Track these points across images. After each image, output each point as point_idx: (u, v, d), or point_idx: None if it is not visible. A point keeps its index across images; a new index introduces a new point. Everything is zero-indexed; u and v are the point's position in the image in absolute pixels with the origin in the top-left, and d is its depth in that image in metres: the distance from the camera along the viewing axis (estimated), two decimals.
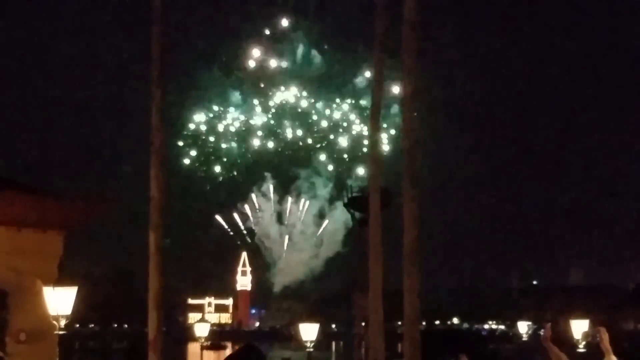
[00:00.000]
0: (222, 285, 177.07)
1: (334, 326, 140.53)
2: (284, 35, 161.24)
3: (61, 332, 15.21)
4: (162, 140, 14.13)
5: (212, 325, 65.99)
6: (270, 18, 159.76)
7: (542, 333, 9.44)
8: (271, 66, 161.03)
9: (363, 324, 31.85)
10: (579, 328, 23.45)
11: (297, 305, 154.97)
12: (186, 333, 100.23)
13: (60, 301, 15.20)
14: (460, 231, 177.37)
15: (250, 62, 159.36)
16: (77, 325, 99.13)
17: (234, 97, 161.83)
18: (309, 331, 22.57)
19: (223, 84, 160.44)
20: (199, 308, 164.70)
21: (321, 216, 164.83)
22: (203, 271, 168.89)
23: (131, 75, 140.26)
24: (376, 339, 14.34)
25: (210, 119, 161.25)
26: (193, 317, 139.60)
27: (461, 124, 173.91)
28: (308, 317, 27.49)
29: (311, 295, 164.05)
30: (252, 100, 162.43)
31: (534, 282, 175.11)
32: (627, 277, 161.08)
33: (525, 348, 52.29)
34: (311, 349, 22.49)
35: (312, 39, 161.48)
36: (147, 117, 14.13)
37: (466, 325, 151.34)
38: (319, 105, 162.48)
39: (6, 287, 19.10)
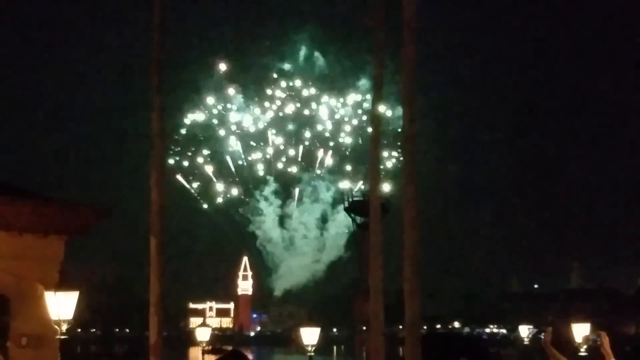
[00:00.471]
0: (224, 289, 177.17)
1: (335, 330, 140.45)
2: (287, 37, 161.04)
3: (62, 337, 15.19)
4: (162, 145, 14.15)
5: (214, 329, 65.97)
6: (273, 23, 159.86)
7: (543, 337, 9.47)
8: (273, 68, 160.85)
9: (364, 328, 31.84)
10: (580, 332, 23.40)
11: (299, 309, 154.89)
12: (187, 337, 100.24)
13: (61, 306, 15.18)
14: (461, 235, 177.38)
15: (253, 62, 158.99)
16: (79, 329, 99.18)
17: (236, 100, 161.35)
18: (310, 335, 22.55)
19: (222, 85, 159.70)
20: (200, 312, 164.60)
21: (324, 220, 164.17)
22: (204, 275, 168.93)
23: (131, 74, 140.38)
24: (377, 343, 14.32)
25: (210, 120, 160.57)
26: (194, 322, 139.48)
27: (462, 127, 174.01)
28: (309, 321, 27.49)
29: (312, 299, 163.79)
30: (254, 101, 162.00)
31: (535, 286, 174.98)
32: (629, 281, 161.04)
33: (526, 352, 52.21)
34: (312, 354, 22.47)
35: (315, 41, 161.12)
36: (148, 121, 14.16)
37: (467, 329, 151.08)
38: (322, 107, 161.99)
39: (7, 292, 19.09)
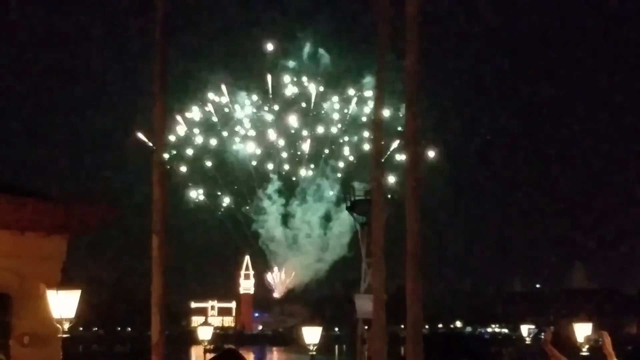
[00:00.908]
0: (225, 288, 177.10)
1: (337, 329, 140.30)
2: (292, 34, 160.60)
3: (65, 336, 15.20)
4: (164, 146, 14.20)
5: (215, 328, 65.93)
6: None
7: (543, 337, 9.47)
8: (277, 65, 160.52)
9: (366, 327, 31.77)
10: (582, 332, 23.36)
11: (300, 308, 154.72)
12: (189, 336, 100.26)
13: (63, 305, 15.19)
14: (463, 235, 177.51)
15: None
16: (81, 328, 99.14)
17: (239, 97, 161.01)
18: (312, 334, 22.53)
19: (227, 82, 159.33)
20: (202, 311, 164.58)
21: (327, 219, 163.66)
22: (206, 274, 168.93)
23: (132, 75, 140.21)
24: (378, 342, 14.34)
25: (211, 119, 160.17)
26: (196, 321, 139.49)
27: (464, 130, 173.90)
28: (311, 320, 27.49)
29: (314, 298, 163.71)
30: (258, 98, 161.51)
31: (537, 286, 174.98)
32: (631, 281, 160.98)
33: (527, 351, 52.21)
34: (314, 352, 22.46)
35: (320, 38, 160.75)
36: (149, 122, 14.18)
37: (469, 328, 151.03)
38: (326, 105, 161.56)
39: (9, 291, 19.11)
